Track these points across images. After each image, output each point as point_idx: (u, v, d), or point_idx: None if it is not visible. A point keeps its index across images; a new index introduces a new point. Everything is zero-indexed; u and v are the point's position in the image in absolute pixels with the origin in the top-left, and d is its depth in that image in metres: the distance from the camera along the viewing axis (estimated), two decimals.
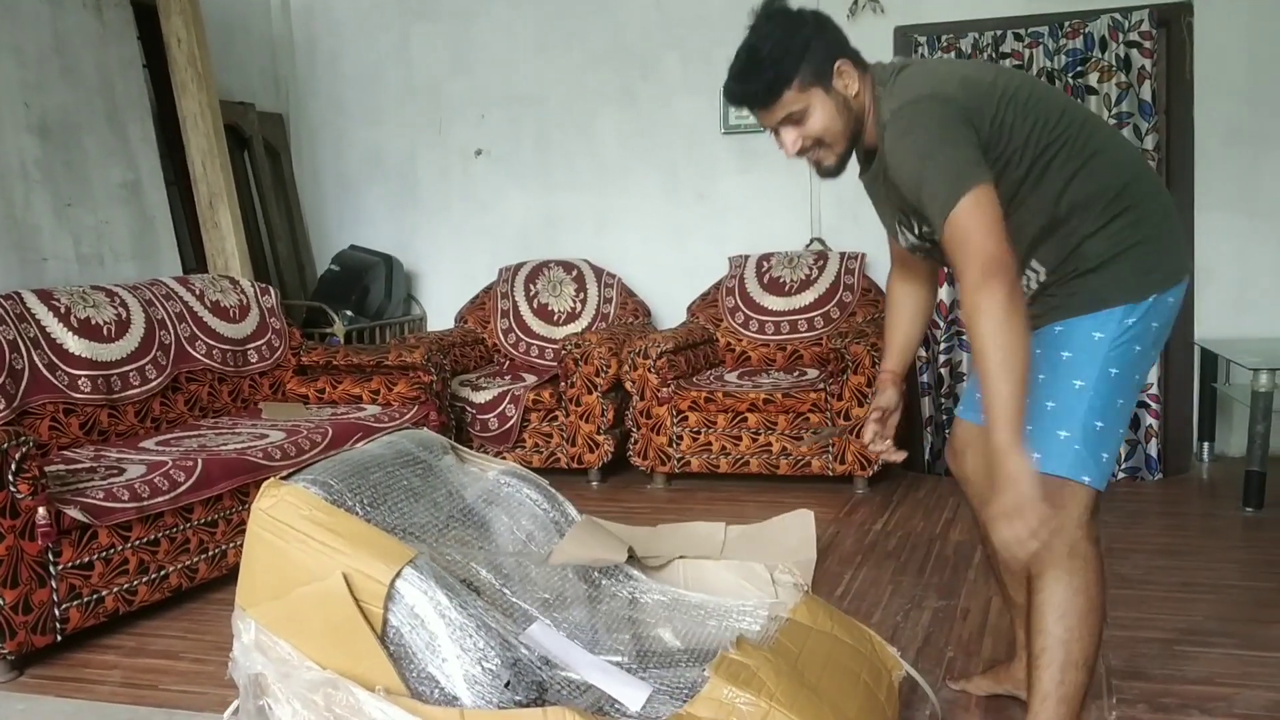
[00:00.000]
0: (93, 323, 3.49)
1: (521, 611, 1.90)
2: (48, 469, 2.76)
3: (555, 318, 5.01)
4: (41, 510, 2.61)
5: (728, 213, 4.97)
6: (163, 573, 2.97)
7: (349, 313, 4.96)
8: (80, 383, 3.38)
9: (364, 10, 5.38)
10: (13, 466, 2.57)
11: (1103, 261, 1.82)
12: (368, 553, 1.72)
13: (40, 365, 3.28)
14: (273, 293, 4.31)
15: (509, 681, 1.66)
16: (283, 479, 1.85)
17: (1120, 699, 2.31)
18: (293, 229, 5.40)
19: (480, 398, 4.48)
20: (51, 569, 2.67)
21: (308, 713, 1.68)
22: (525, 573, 2.01)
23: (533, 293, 5.05)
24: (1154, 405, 4.16)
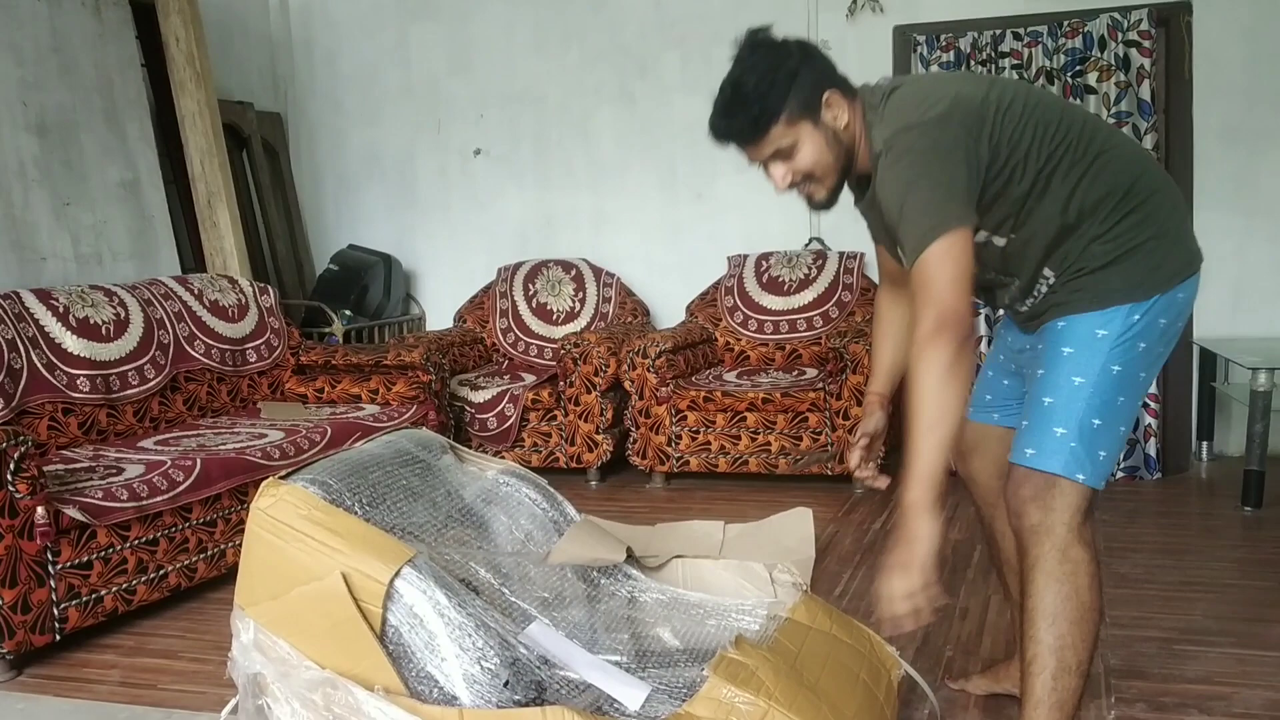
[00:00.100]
0: (91, 322, 3.49)
1: (520, 611, 1.90)
2: (46, 468, 2.76)
3: (554, 317, 5.01)
4: (40, 510, 2.61)
5: (726, 212, 4.97)
6: (161, 572, 2.97)
7: (348, 312, 4.96)
8: (79, 382, 3.38)
9: (362, 10, 5.38)
10: (11, 466, 2.57)
11: (1110, 260, 1.79)
12: (366, 552, 1.72)
13: (39, 365, 3.28)
14: (271, 292, 4.31)
15: (508, 681, 1.66)
16: (281, 478, 1.85)
17: (1119, 698, 2.31)
18: (291, 228, 5.39)
19: (479, 397, 4.48)
20: (50, 568, 2.67)
21: (306, 712, 1.68)
22: (524, 572, 2.01)
23: (531, 292, 5.05)
24: (1153, 404, 4.16)
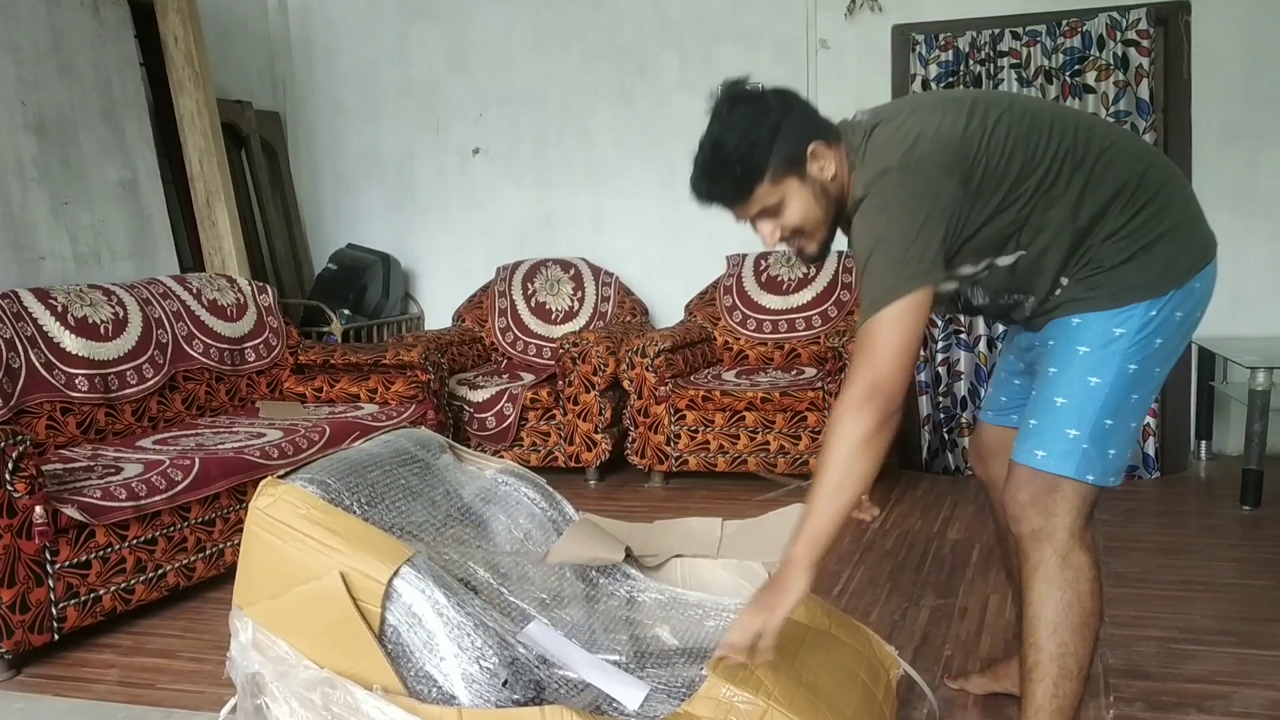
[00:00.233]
0: (90, 321, 3.48)
1: (519, 610, 1.90)
2: (45, 468, 2.75)
3: (553, 316, 5.01)
4: (39, 509, 2.61)
5: (725, 211, 4.95)
6: (160, 572, 2.97)
7: (346, 311, 4.96)
8: (77, 382, 3.37)
9: (361, 9, 5.38)
10: (10, 465, 2.56)
11: (1127, 257, 1.73)
12: (365, 551, 1.72)
13: (37, 364, 3.28)
14: (270, 291, 4.31)
15: (506, 680, 1.66)
16: (280, 478, 1.84)
17: (1118, 697, 2.31)
18: (290, 228, 5.39)
19: (478, 396, 4.48)
20: (49, 568, 2.66)
21: (305, 711, 1.68)
22: (523, 572, 2.01)
23: (530, 291, 5.05)
24: (1152, 404, 4.16)
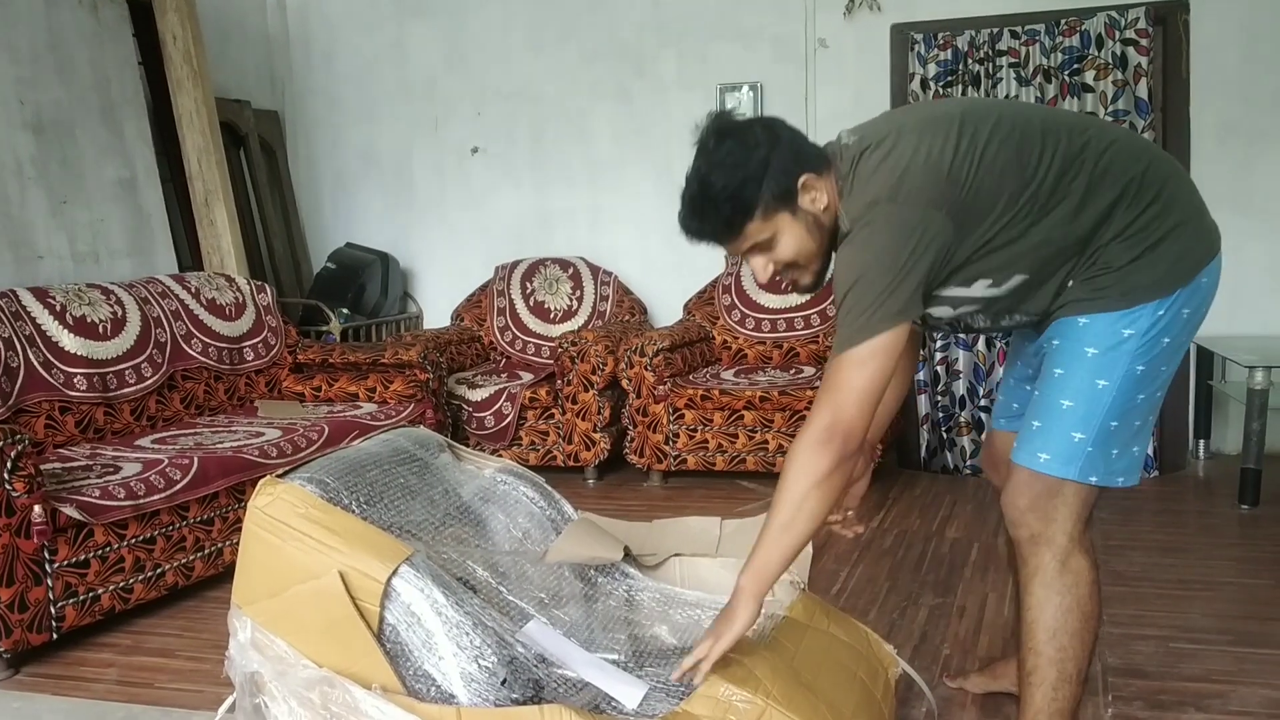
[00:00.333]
0: (88, 320, 3.48)
1: (518, 609, 1.90)
2: (43, 467, 2.75)
3: (551, 315, 5.01)
4: (37, 508, 2.61)
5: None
6: (159, 571, 2.97)
7: (345, 310, 4.96)
8: (76, 381, 3.37)
9: (359, 7, 5.38)
10: (8, 465, 2.56)
11: (1135, 256, 1.69)
12: (364, 551, 1.72)
13: (36, 363, 3.27)
14: (269, 290, 4.30)
15: (505, 679, 1.66)
16: (279, 477, 1.84)
17: (1116, 696, 2.31)
18: (288, 226, 5.39)
19: (476, 395, 4.48)
20: (47, 567, 2.66)
21: (304, 711, 1.68)
22: (522, 571, 2.01)
23: (529, 290, 5.05)
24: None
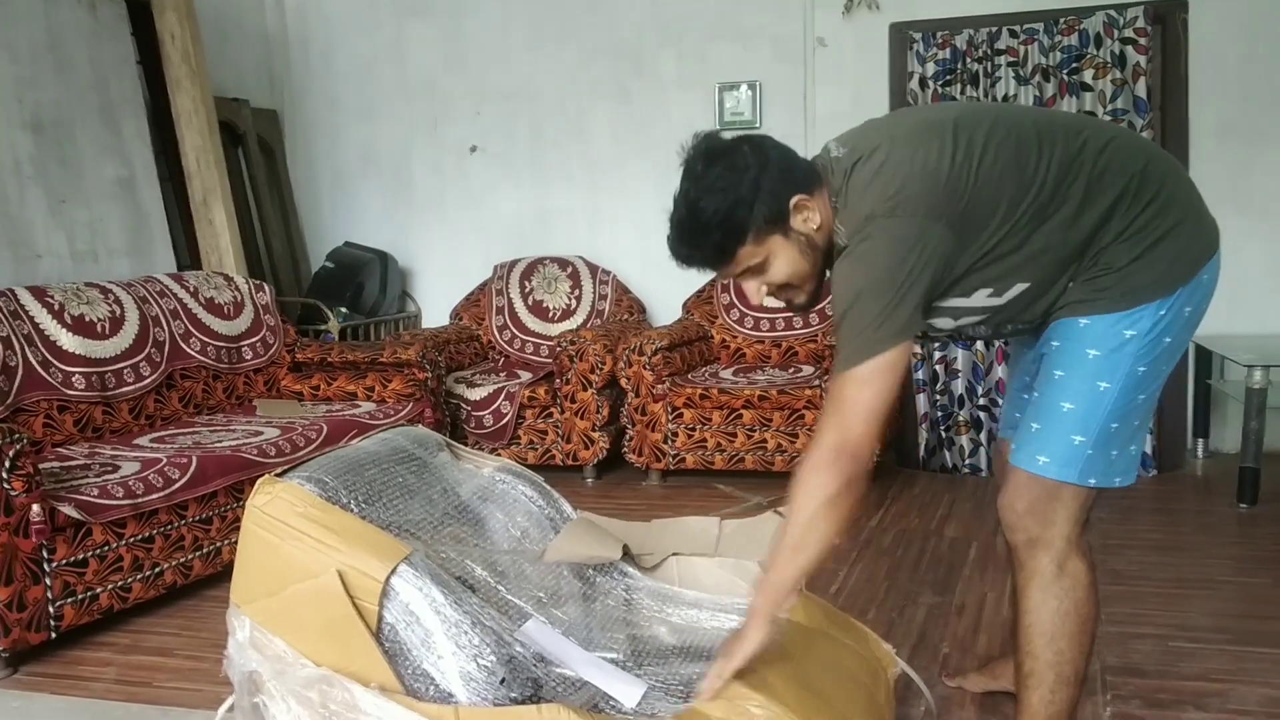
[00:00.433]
0: (87, 320, 3.48)
1: (516, 609, 1.90)
2: (42, 466, 2.75)
3: (550, 314, 5.01)
4: (36, 507, 2.61)
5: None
6: (157, 570, 2.97)
7: (344, 310, 4.96)
8: (74, 380, 3.37)
9: (358, 6, 5.37)
10: (7, 464, 2.56)
11: (1136, 255, 1.67)
12: (363, 550, 1.71)
13: (34, 362, 3.27)
14: (267, 289, 4.30)
15: (504, 678, 1.66)
16: (277, 476, 1.84)
17: (1115, 695, 2.31)
18: (287, 226, 5.39)
19: (475, 395, 4.48)
20: (46, 566, 2.66)
21: (302, 710, 1.68)
22: (520, 570, 2.01)
23: (528, 289, 5.05)
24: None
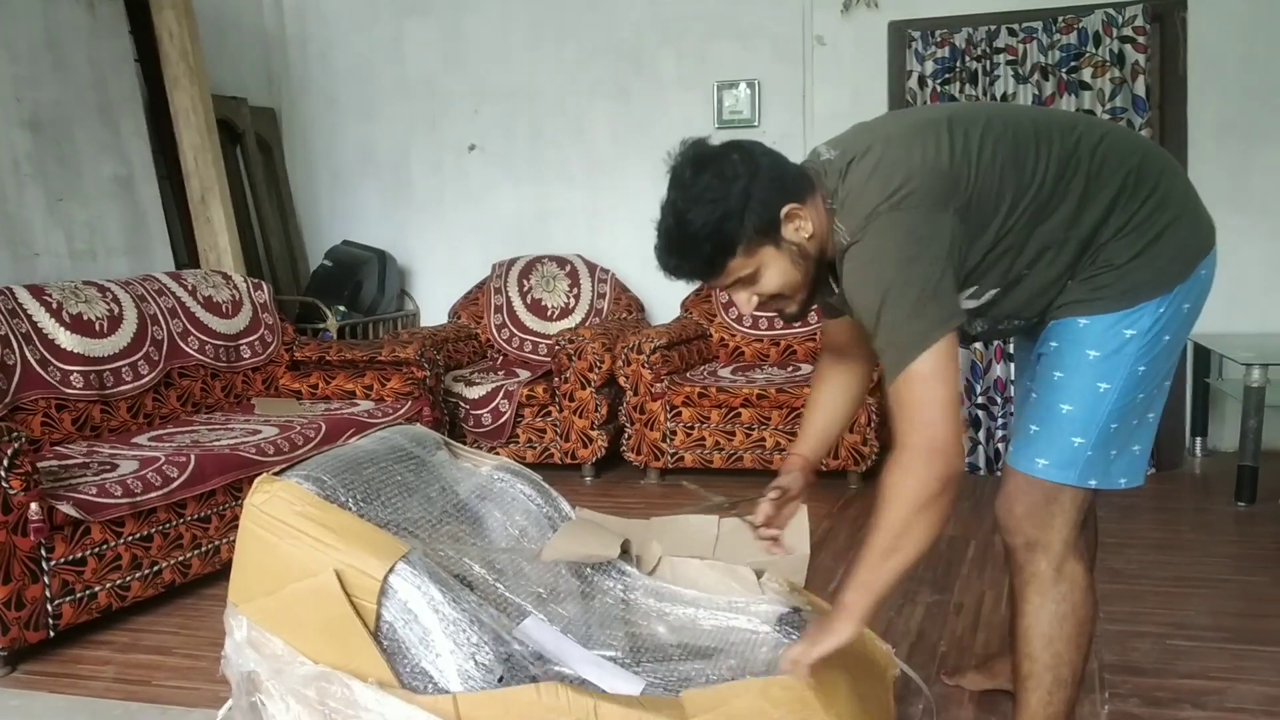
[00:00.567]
0: (85, 318, 3.48)
1: (515, 606, 1.90)
2: (40, 465, 2.75)
3: (549, 313, 5.00)
4: (34, 506, 2.60)
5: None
6: (156, 568, 2.97)
7: (342, 308, 4.95)
8: (73, 378, 3.37)
9: (356, 5, 5.37)
10: (5, 462, 2.56)
11: (1137, 252, 1.65)
12: (361, 548, 1.72)
13: (32, 361, 3.27)
14: (265, 288, 4.30)
15: (502, 676, 1.67)
16: (276, 474, 1.84)
17: (1113, 693, 2.31)
18: (285, 224, 5.38)
19: (474, 393, 4.48)
20: (44, 565, 2.66)
21: (301, 708, 1.68)
22: (519, 568, 2.01)
23: (526, 288, 5.04)
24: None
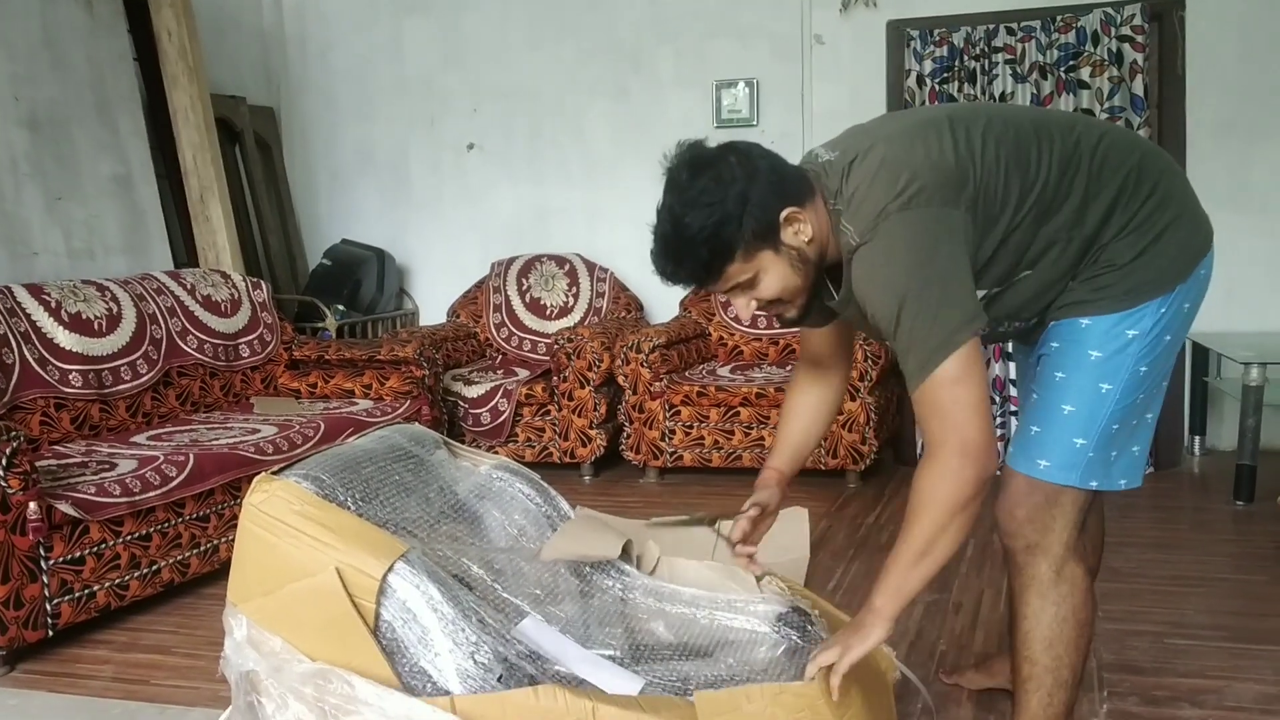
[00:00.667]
0: (84, 317, 3.47)
1: (514, 606, 1.90)
2: (39, 464, 2.75)
3: (548, 312, 5.00)
4: (33, 505, 2.60)
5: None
6: (154, 568, 2.97)
7: (341, 307, 4.95)
8: (71, 377, 3.36)
9: (355, 4, 5.36)
10: (4, 461, 2.56)
11: (1139, 252, 1.64)
12: (360, 548, 1.71)
13: (31, 360, 3.27)
14: (264, 287, 4.30)
15: (501, 675, 1.67)
16: (274, 474, 1.84)
17: (1111, 692, 2.32)
18: (284, 223, 5.38)
19: (472, 392, 4.48)
20: (43, 564, 2.66)
21: (299, 705, 1.68)
22: (517, 568, 2.01)
23: (525, 287, 5.04)
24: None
